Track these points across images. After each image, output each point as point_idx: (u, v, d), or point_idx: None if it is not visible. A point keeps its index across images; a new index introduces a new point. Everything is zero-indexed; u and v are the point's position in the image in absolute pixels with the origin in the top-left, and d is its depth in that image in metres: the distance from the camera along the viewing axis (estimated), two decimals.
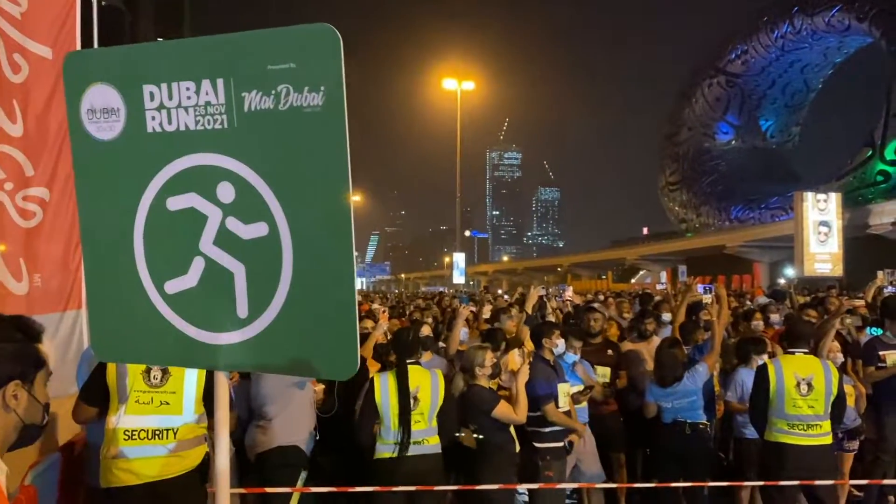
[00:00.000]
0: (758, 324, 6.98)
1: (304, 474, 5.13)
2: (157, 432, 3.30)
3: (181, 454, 3.34)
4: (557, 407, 5.09)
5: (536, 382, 4.95)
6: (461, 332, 6.32)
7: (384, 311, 7.49)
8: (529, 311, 6.59)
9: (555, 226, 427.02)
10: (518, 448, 4.94)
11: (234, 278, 1.79)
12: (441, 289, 56.68)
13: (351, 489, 4.53)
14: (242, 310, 1.80)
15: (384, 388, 4.42)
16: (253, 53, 1.70)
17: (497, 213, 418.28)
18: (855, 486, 5.91)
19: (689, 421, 5.22)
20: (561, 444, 5.14)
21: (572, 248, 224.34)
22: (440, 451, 4.48)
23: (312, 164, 1.68)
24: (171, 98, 1.79)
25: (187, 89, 1.78)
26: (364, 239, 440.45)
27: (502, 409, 4.73)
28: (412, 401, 4.37)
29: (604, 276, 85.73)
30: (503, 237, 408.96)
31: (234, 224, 1.78)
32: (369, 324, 6.18)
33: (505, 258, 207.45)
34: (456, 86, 43.84)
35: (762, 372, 4.79)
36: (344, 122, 1.62)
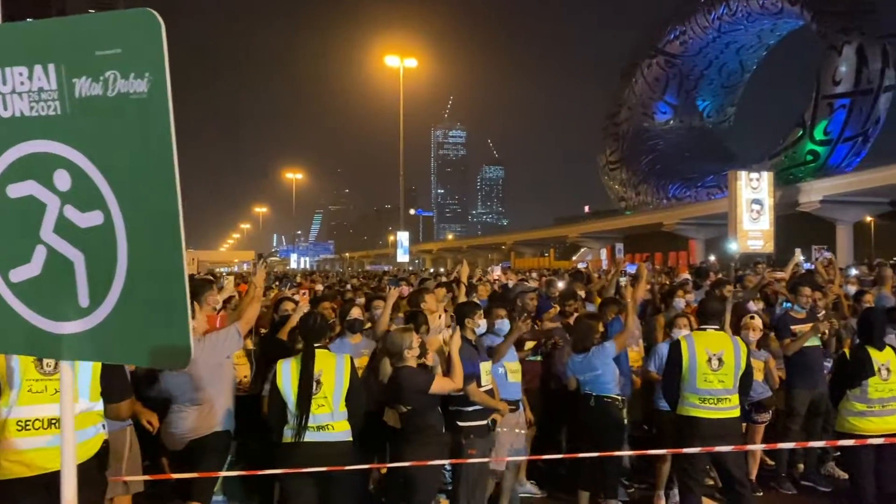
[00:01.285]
0: (679, 301, 7.17)
1: (229, 458, 5.12)
2: (53, 421, 3.18)
3: (78, 443, 3.25)
4: (480, 386, 5.16)
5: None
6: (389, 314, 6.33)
7: (304, 294, 7.40)
8: (465, 285, 6.74)
9: (499, 204, 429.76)
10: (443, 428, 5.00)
11: (74, 267, 1.77)
12: (386, 267, 56.49)
13: (257, 472, 4.55)
14: (84, 299, 1.77)
15: (286, 373, 4.41)
16: (82, 38, 1.67)
17: (442, 191, 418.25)
18: (766, 456, 6.19)
19: (594, 394, 5.41)
20: (485, 422, 5.22)
21: (516, 226, 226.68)
22: (350, 437, 4.45)
23: (140, 153, 1.66)
24: (4, 83, 1.76)
25: (20, 74, 1.74)
26: (307, 217, 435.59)
27: (439, 383, 4.77)
28: (315, 385, 4.35)
29: (546, 254, 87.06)
30: (448, 215, 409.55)
31: (71, 212, 1.76)
32: (290, 306, 6.11)
33: (450, 236, 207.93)
34: (398, 63, 43.51)
35: (675, 348, 4.95)
36: (168, 109, 1.60)
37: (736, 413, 4.80)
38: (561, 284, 9.31)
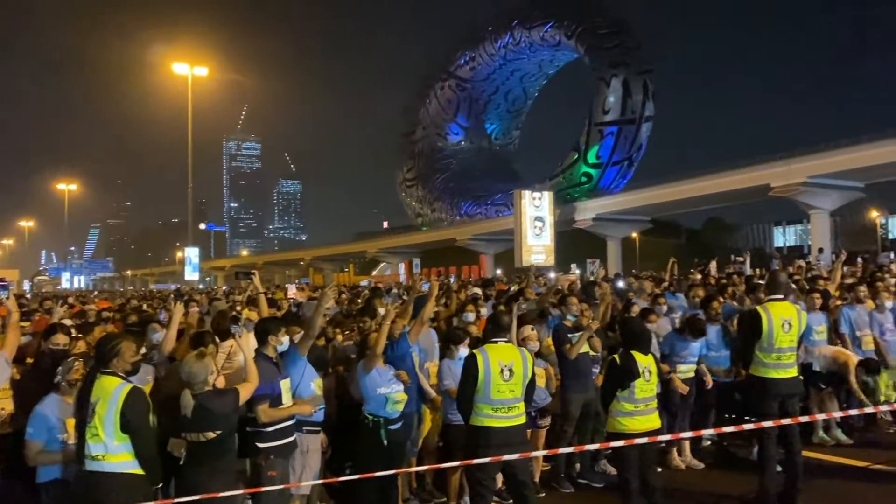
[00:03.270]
0: (469, 315, 7.47)
1: None
2: None
3: None
4: (282, 403, 5.02)
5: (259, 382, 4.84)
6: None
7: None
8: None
9: (297, 219, 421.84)
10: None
11: None
12: (173, 286, 53.07)
13: None
14: None
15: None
16: None
17: (236, 205, 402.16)
18: (544, 458, 6.62)
19: (364, 413, 5.54)
20: (288, 440, 5.06)
21: (316, 241, 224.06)
22: (130, 470, 4.12)
23: None
24: None
25: None
26: (82, 232, 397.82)
27: (244, 392, 4.62)
28: (90, 412, 4.04)
29: (346, 269, 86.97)
30: (242, 230, 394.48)
31: None
32: (62, 339, 5.54)
33: (244, 252, 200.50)
34: (188, 70, 41.45)
35: (472, 361, 5.10)
36: None
37: (523, 420, 5.09)
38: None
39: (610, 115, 59.96)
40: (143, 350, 5.74)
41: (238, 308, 8.86)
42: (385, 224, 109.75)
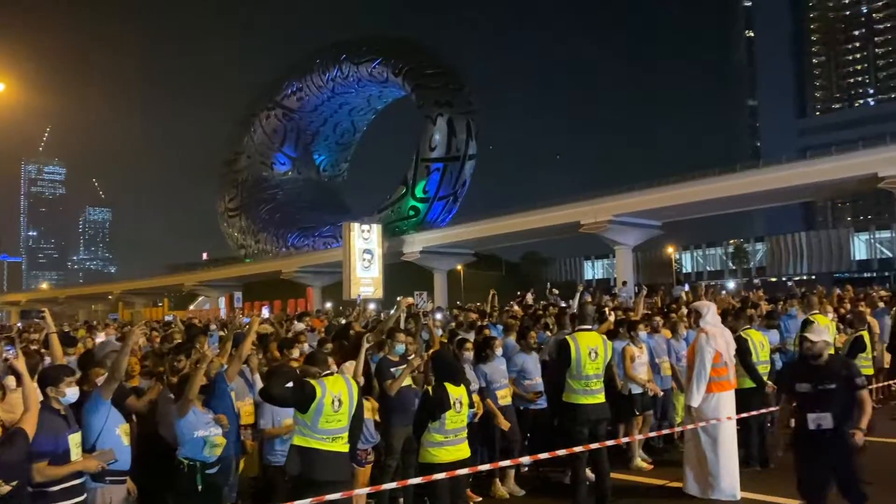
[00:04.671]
0: (295, 352, 7.26)
1: None
2: None
3: None
4: (69, 460, 4.54)
5: (40, 437, 4.34)
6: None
7: None
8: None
9: (106, 249, 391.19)
10: None
11: None
12: None
13: None
14: None
15: None
16: None
17: (35, 233, 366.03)
18: (368, 494, 6.54)
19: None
20: (77, 499, 4.58)
21: (127, 273, 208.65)
22: None
23: None
24: None
25: None
26: None
27: (28, 426, 4.17)
28: None
29: (160, 304, 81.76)
30: (42, 261, 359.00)
31: None
32: None
33: (44, 285, 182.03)
34: None
35: (311, 390, 5.03)
36: None
37: (346, 448, 5.02)
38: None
39: (436, 151, 61.87)
40: None
41: (35, 348, 8.01)
42: (204, 255, 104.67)
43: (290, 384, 5.02)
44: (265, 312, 31.73)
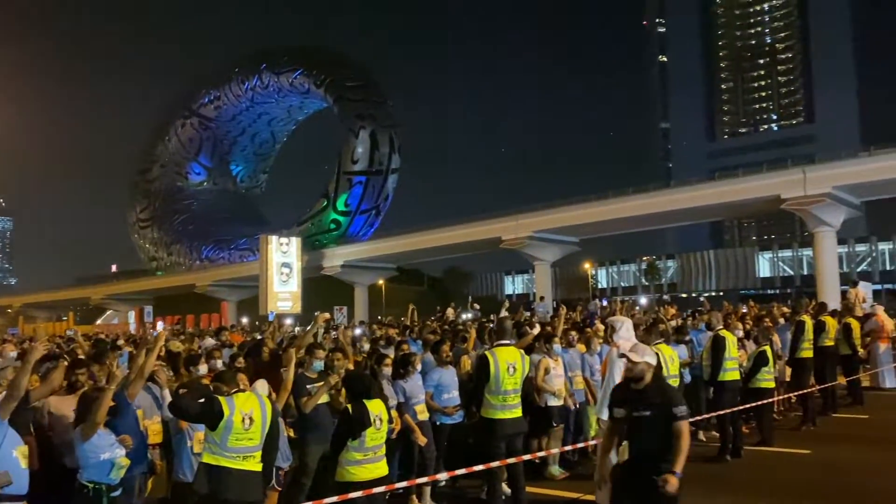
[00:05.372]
0: (202, 368, 7.02)
1: None
2: None
3: None
4: None
5: None
6: None
7: None
8: None
9: (5, 260, 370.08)
10: None
11: None
12: None
13: None
14: None
15: None
16: None
17: None
18: None
19: None
20: None
21: (28, 285, 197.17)
22: None
23: None
24: None
25: None
26: None
27: None
28: None
29: (65, 318, 77.81)
30: None
31: None
32: None
33: None
34: None
35: (220, 410, 4.89)
36: None
37: (258, 468, 4.90)
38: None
39: (358, 164, 61.48)
40: None
41: None
42: (114, 268, 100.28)
43: (202, 400, 4.89)
44: (160, 326, 30.80)
